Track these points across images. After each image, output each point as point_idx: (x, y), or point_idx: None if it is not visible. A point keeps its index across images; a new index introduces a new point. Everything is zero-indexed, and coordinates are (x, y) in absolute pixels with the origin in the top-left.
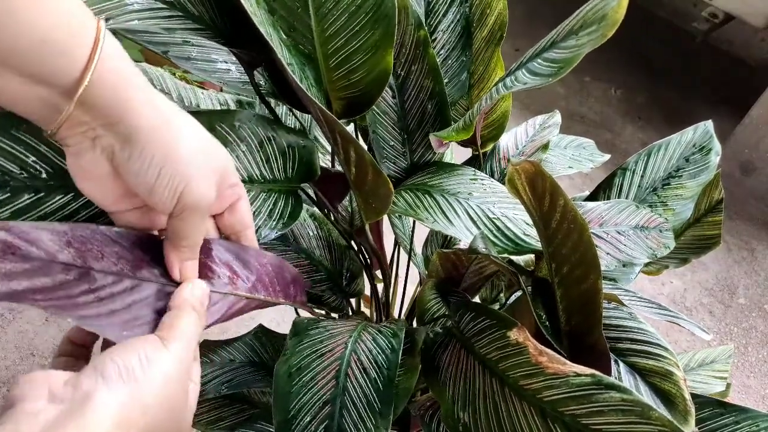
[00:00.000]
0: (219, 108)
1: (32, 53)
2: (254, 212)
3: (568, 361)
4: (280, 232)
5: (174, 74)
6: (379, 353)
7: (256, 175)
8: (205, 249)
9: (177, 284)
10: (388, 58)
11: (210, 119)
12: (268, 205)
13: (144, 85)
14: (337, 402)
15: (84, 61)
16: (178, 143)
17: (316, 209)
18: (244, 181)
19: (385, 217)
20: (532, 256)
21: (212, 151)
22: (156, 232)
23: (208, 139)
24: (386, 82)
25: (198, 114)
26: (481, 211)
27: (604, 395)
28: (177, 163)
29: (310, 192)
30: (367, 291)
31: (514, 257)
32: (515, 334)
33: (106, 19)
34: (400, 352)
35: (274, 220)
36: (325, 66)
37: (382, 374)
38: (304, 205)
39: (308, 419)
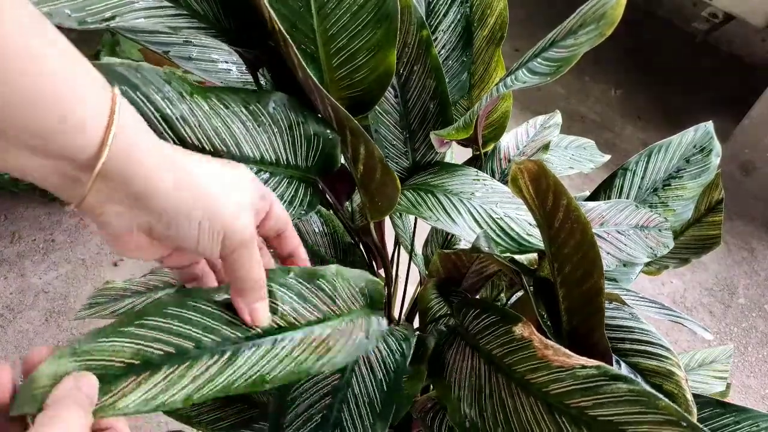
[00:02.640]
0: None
1: (50, 133)
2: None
3: (573, 354)
4: (296, 220)
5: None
6: (388, 355)
7: (283, 160)
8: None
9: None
10: (390, 58)
11: (246, 98)
12: (290, 191)
13: (157, 143)
14: (339, 395)
15: (101, 135)
16: (208, 191)
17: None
18: (270, 163)
19: (386, 217)
20: (535, 255)
21: (237, 179)
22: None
23: (227, 168)
24: (389, 82)
25: (233, 91)
26: (484, 210)
27: (611, 386)
28: (215, 212)
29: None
30: None
31: (517, 257)
32: (520, 329)
33: (113, 17)
34: (410, 357)
35: (294, 207)
36: (327, 65)
37: (389, 377)
38: None
39: (306, 405)
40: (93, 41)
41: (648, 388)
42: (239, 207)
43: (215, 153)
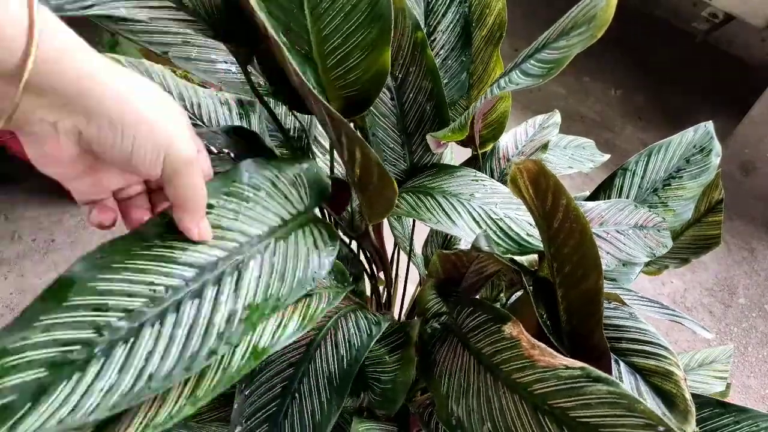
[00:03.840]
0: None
1: None
2: (303, 249)
3: (559, 355)
4: (332, 257)
5: (175, 72)
6: (355, 333)
7: (285, 216)
8: None
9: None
10: (384, 57)
11: (221, 184)
12: (310, 237)
13: (90, 52)
14: (302, 367)
15: (23, 44)
16: (146, 103)
17: None
18: (280, 226)
19: (384, 219)
20: (536, 256)
21: (174, 104)
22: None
23: (165, 95)
24: (384, 81)
25: (207, 184)
26: (484, 212)
27: (592, 388)
28: (152, 126)
29: None
30: (367, 292)
31: (517, 257)
32: (509, 328)
33: (92, 5)
34: (375, 338)
35: (324, 250)
36: (322, 66)
37: (351, 354)
38: None
39: (270, 374)
40: (92, 42)
41: (628, 390)
42: (183, 126)
43: (229, 251)
